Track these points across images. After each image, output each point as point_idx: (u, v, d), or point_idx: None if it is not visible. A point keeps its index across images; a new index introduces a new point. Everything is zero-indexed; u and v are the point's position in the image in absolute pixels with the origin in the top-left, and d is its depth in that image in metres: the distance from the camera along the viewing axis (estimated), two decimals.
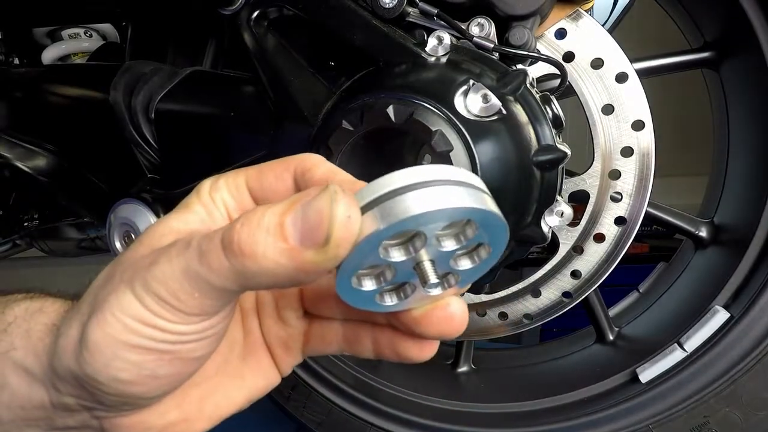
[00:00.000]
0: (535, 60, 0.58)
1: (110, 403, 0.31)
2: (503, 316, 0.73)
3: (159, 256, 0.29)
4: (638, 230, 0.65)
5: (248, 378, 0.37)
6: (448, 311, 0.31)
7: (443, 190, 0.25)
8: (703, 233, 0.77)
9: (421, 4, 0.54)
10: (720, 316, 0.67)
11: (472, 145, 0.48)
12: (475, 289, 0.65)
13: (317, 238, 0.24)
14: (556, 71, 0.58)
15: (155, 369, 0.30)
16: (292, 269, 0.25)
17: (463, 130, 0.48)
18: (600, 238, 0.66)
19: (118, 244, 0.60)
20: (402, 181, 0.25)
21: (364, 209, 0.25)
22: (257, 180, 0.34)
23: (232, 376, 0.37)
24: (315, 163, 0.33)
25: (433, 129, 0.47)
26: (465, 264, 0.29)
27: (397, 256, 0.27)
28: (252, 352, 0.38)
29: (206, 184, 0.35)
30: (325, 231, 0.24)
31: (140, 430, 0.33)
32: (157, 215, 0.63)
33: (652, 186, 0.64)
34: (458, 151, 0.48)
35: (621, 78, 0.62)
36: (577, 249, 0.67)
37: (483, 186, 0.28)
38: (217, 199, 0.34)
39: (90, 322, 0.29)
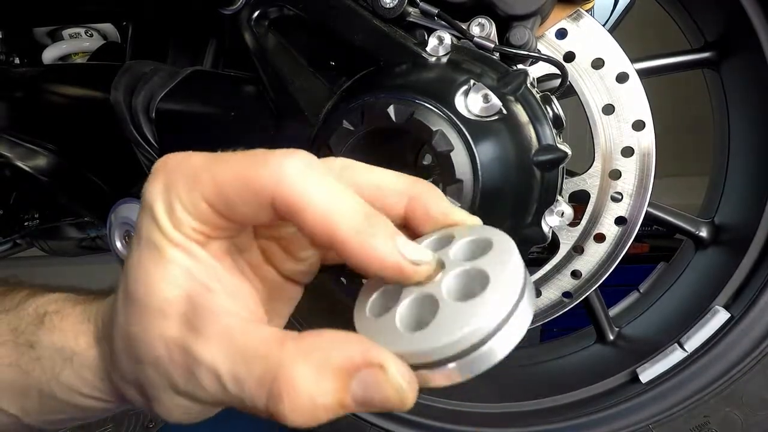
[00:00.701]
0: (535, 60, 0.58)
1: None
2: None
3: (197, 366, 0.27)
4: (639, 230, 0.65)
5: (282, 309, 0.37)
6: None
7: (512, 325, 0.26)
8: (704, 233, 0.77)
9: (421, 4, 0.54)
10: (720, 317, 0.67)
11: (472, 145, 0.48)
12: None
13: (370, 407, 0.25)
14: (557, 71, 0.58)
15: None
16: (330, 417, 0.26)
17: (464, 129, 0.48)
18: (600, 238, 0.66)
19: (118, 244, 0.60)
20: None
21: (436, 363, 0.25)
22: (223, 205, 0.29)
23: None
24: (301, 193, 0.27)
25: (434, 129, 0.47)
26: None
27: None
28: (276, 293, 0.36)
29: (159, 210, 0.29)
30: (382, 406, 0.25)
31: None
32: None
33: (653, 186, 0.64)
34: (459, 151, 0.48)
35: (622, 78, 0.62)
36: (578, 249, 0.67)
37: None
38: (188, 232, 0.30)
39: (151, 401, 0.31)
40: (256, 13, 0.61)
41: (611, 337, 0.81)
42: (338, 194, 0.27)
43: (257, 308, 0.32)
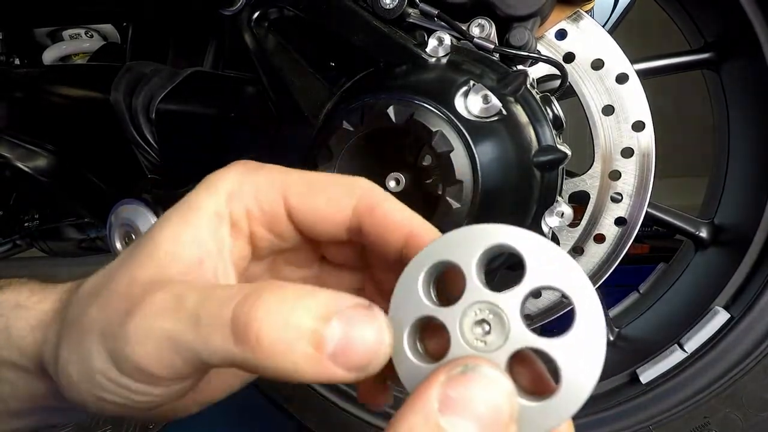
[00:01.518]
0: (535, 61, 0.58)
1: None
2: None
3: (136, 308, 0.25)
4: (638, 231, 0.65)
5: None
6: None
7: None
8: (704, 234, 0.77)
9: (421, 5, 0.54)
10: (720, 317, 0.67)
11: (472, 146, 0.48)
12: None
13: (353, 364, 0.23)
14: (557, 72, 0.58)
15: (132, 413, 0.29)
16: (307, 375, 0.23)
17: (464, 130, 0.48)
18: (600, 238, 0.66)
19: (118, 245, 0.60)
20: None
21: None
22: (305, 197, 0.29)
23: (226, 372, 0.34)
24: (384, 198, 0.29)
25: (434, 129, 0.47)
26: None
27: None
28: None
29: (224, 186, 0.29)
30: (366, 362, 0.23)
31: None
32: (158, 216, 0.63)
33: (653, 186, 0.64)
34: (458, 152, 0.48)
35: (621, 79, 0.62)
36: (578, 249, 0.67)
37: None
38: (237, 210, 0.29)
39: (68, 357, 0.28)
40: (257, 14, 0.61)
41: (611, 338, 0.81)
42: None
43: None
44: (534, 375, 0.26)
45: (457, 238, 0.25)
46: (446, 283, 0.27)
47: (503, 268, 0.61)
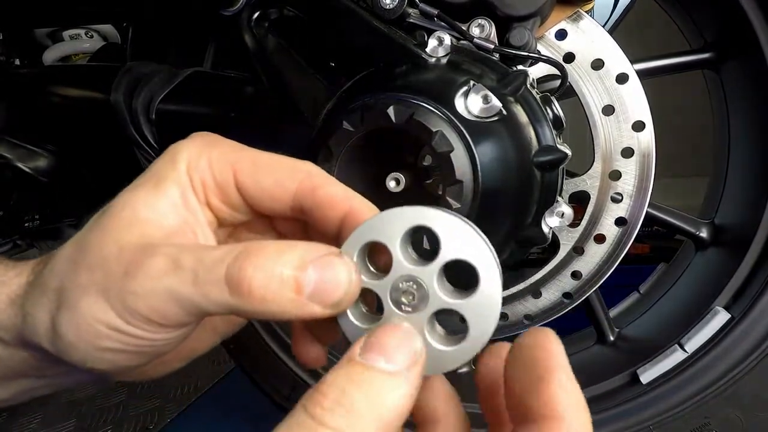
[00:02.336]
0: (535, 61, 0.58)
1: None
2: (504, 317, 0.73)
3: (136, 270, 0.28)
4: (639, 231, 0.65)
5: (219, 324, 0.39)
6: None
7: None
8: (704, 234, 0.77)
9: (421, 5, 0.54)
10: (720, 317, 0.67)
11: (472, 146, 0.48)
12: None
13: (327, 300, 0.28)
14: (557, 72, 0.58)
15: (129, 362, 0.31)
16: (291, 314, 0.28)
17: (464, 130, 0.48)
18: (600, 239, 0.66)
19: None
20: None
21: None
22: (252, 176, 0.33)
23: (205, 328, 0.38)
24: (325, 181, 0.33)
25: (434, 130, 0.47)
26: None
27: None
28: None
29: (184, 157, 0.33)
30: (338, 298, 0.28)
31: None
32: None
33: (653, 187, 0.63)
34: (459, 152, 0.48)
35: (621, 79, 0.62)
36: (578, 250, 0.67)
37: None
38: (195, 180, 0.33)
39: (61, 319, 0.30)
40: (257, 15, 0.61)
41: (611, 338, 0.81)
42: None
43: None
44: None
45: (384, 220, 0.30)
46: (379, 256, 0.32)
47: (504, 268, 0.61)
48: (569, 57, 0.62)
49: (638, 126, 0.62)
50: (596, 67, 0.62)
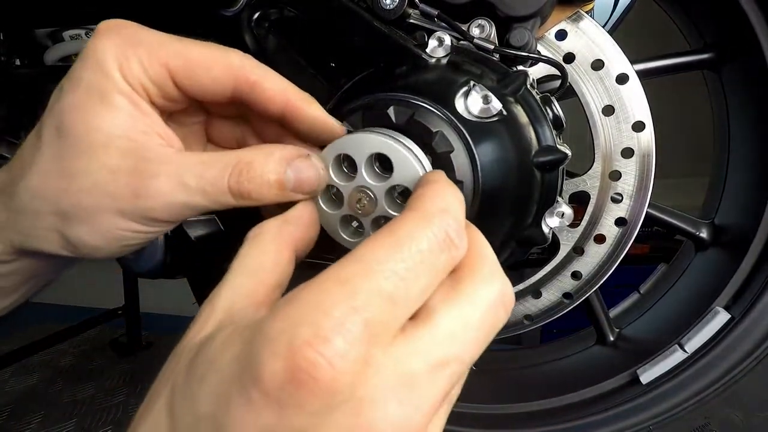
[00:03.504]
0: (535, 61, 0.58)
1: None
2: None
3: (146, 192, 0.34)
4: (639, 231, 0.65)
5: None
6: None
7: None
8: (704, 234, 0.77)
9: (421, 5, 0.54)
10: (721, 317, 0.67)
11: (472, 146, 0.48)
12: None
13: (304, 191, 0.37)
14: (557, 72, 0.58)
15: (142, 245, 0.38)
16: (278, 201, 0.36)
17: (464, 131, 0.48)
18: (600, 239, 0.66)
19: None
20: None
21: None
22: (185, 74, 0.35)
23: None
24: (261, 75, 0.37)
25: (434, 130, 0.47)
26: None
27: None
28: None
29: (112, 64, 0.34)
30: (312, 189, 0.37)
31: None
32: None
33: (653, 187, 0.64)
34: (459, 152, 0.48)
35: (621, 79, 0.62)
36: (578, 250, 0.67)
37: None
38: (136, 85, 0.34)
39: (79, 233, 0.35)
40: (257, 15, 0.61)
41: (611, 338, 0.81)
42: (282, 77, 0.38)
43: None
44: None
45: (358, 138, 0.40)
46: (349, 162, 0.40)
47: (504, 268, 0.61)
48: (569, 57, 0.62)
49: (638, 126, 0.62)
50: (596, 68, 0.62)
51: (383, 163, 0.40)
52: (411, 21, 0.55)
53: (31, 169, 0.35)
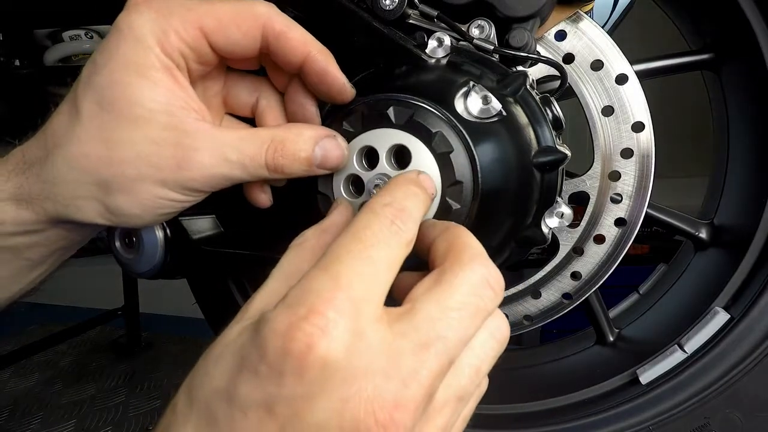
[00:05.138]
0: (535, 62, 0.58)
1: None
2: None
3: (189, 163, 0.37)
4: (638, 231, 0.65)
5: None
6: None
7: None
8: (703, 235, 0.77)
9: (421, 6, 0.55)
10: (720, 318, 0.67)
11: (472, 147, 0.48)
12: None
13: (329, 167, 0.42)
14: (556, 73, 0.58)
15: (160, 219, 0.41)
16: (305, 174, 0.42)
17: (463, 131, 0.48)
18: (600, 239, 0.66)
19: (118, 244, 0.60)
20: None
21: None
22: (219, 32, 0.37)
23: None
24: (286, 26, 0.39)
25: (434, 130, 0.47)
26: None
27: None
28: None
29: (150, 38, 0.35)
30: (335, 165, 0.43)
31: None
32: None
33: (652, 187, 0.64)
34: (458, 153, 0.48)
35: (621, 80, 0.62)
36: (577, 250, 0.67)
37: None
38: (174, 55, 0.36)
39: (119, 202, 0.38)
40: None
41: (611, 339, 0.81)
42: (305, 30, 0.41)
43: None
44: None
45: (379, 133, 0.46)
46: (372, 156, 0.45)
47: (503, 268, 0.61)
48: (569, 58, 0.63)
49: (638, 127, 0.62)
50: (596, 68, 0.62)
51: (397, 158, 0.47)
52: (411, 21, 0.55)
53: (70, 140, 0.36)
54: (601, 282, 0.68)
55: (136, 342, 2.07)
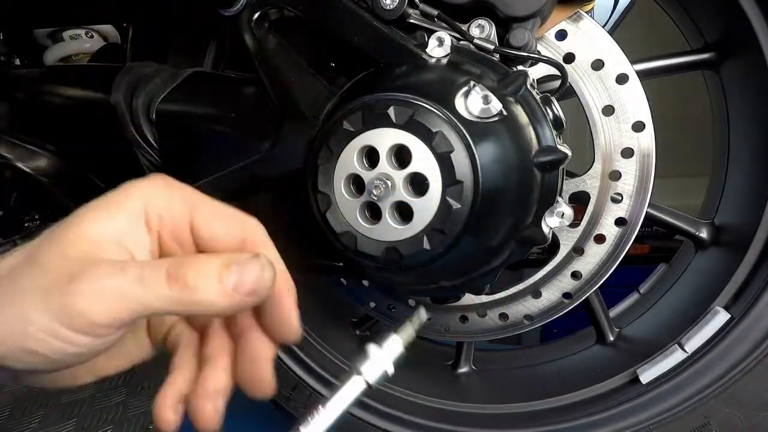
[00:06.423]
0: (535, 61, 0.58)
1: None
2: (504, 317, 0.73)
3: (81, 275, 0.31)
4: (639, 231, 0.65)
5: (132, 349, 0.42)
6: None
7: None
8: (704, 234, 0.77)
9: (421, 5, 0.54)
10: (720, 317, 0.67)
11: (472, 146, 0.48)
12: (476, 290, 0.65)
13: (247, 291, 0.34)
14: (557, 72, 0.58)
15: (46, 366, 0.33)
16: (222, 305, 0.33)
17: (464, 131, 0.48)
18: (600, 239, 0.66)
19: None
20: None
21: None
22: (208, 222, 0.37)
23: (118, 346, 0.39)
24: (265, 244, 0.38)
25: (434, 130, 0.47)
26: None
27: None
28: (136, 329, 0.42)
29: (142, 193, 0.36)
30: (254, 289, 0.34)
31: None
32: None
33: (653, 187, 0.64)
34: (459, 152, 0.48)
35: (621, 79, 0.62)
36: (578, 250, 0.67)
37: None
38: (151, 214, 0.36)
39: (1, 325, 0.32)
40: (257, 15, 0.61)
41: (611, 338, 0.81)
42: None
43: None
44: None
45: (380, 132, 0.47)
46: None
47: (503, 268, 0.61)
48: (569, 57, 0.62)
49: (638, 126, 0.62)
50: (596, 68, 0.62)
51: (398, 158, 0.47)
52: (411, 21, 0.55)
53: (18, 249, 0.36)
54: (601, 281, 0.68)
55: None
